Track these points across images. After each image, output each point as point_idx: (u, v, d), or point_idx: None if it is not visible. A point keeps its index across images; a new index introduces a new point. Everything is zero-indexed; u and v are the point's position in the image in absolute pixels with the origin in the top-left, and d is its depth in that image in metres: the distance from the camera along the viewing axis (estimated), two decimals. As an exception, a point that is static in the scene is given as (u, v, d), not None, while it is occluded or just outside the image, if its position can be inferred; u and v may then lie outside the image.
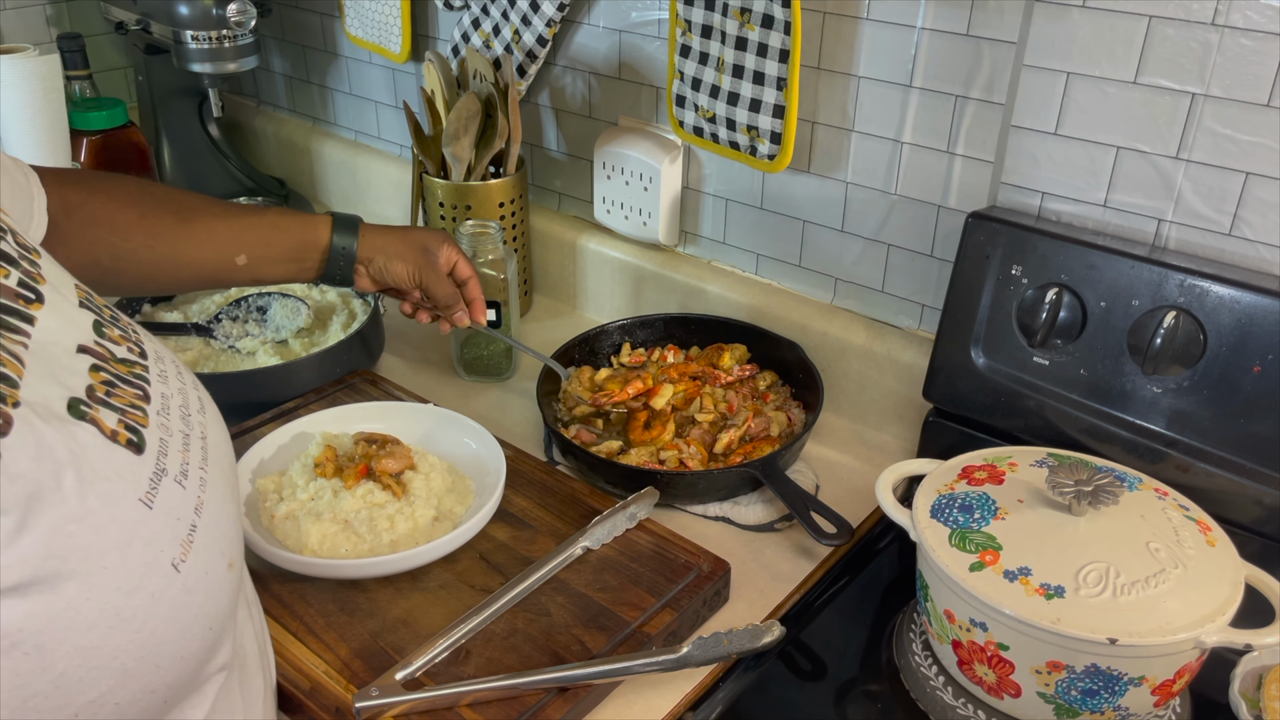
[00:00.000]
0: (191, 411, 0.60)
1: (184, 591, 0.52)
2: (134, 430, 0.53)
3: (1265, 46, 0.76)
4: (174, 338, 1.16)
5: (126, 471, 0.51)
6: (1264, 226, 0.81)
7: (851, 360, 1.07)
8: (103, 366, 0.54)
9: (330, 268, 0.98)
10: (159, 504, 0.52)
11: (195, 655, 0.54)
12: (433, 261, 1.01)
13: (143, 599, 0.49)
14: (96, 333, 0.56)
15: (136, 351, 0.58)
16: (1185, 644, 0.65)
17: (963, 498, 0.75)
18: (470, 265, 1.05)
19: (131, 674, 0.49)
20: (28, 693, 0.44)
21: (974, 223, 0.90)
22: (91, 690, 0.47)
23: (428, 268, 1.00)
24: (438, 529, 0.86)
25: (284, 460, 0.94)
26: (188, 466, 0.56)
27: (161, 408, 0.56)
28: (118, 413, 0.52)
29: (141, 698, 0.50)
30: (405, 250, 1.00)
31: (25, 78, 1.24)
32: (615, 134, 1.20)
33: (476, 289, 1.05)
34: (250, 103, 1.76)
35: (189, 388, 0.62)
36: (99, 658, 0.47)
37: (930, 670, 0.78)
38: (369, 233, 1.00)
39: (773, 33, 0.96)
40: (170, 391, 0.59)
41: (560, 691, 0.73)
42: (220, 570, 0.56)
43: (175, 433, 0.56)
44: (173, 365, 0.62)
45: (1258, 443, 0.80)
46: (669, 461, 0.98)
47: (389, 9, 1.37)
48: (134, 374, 0.56)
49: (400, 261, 1.00)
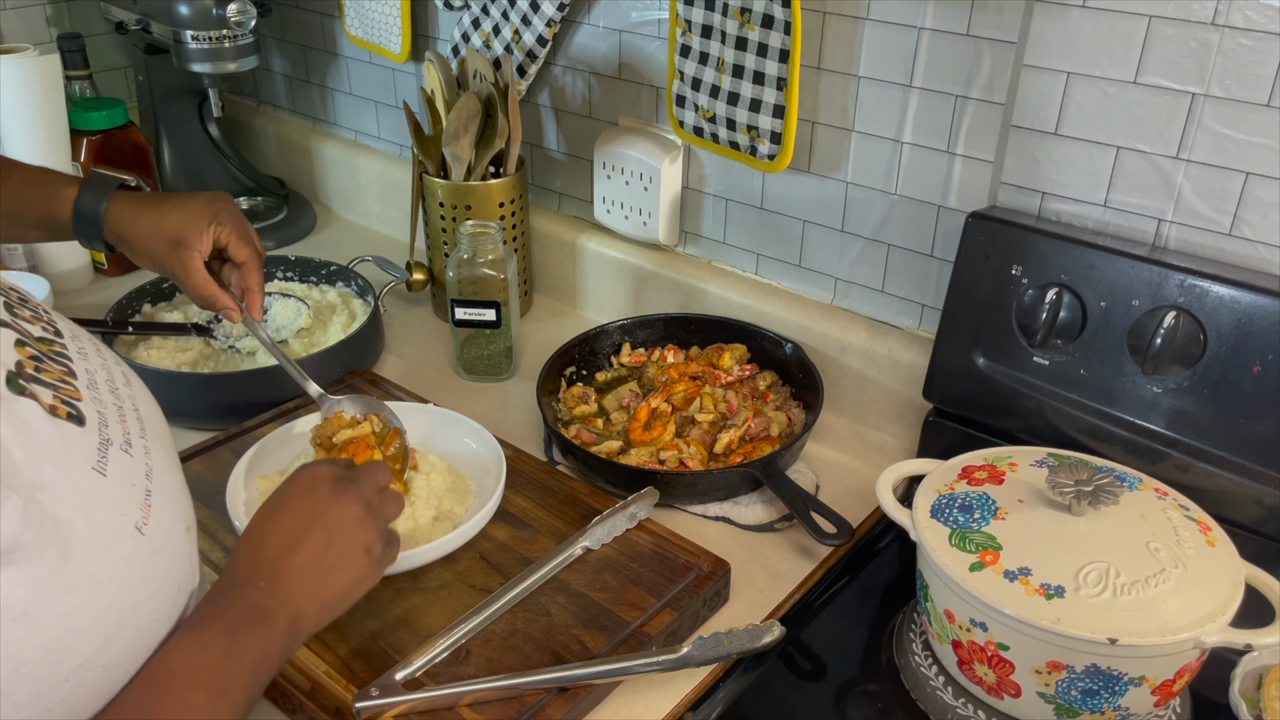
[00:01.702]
0: (119, 385, 0.60)
1: (151, 554, 0.53)
2: (70, 404, 0.53)
3: (1265, 46, 0.76)
4: (174, 338, 1.16)
5: (74, 443, 0.51)
6: (1264, 226, 0.81)
7: (851, 360, 1.07)
8: (26, 342, 0.55)
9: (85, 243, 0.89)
10: (111, 472, 0.52)
11: (168, 615, 0.55)
12: (184, 258, 0.87)
13: (115, 563, 0.50)
14: (9, 313, 0.56)
15: (52, 330, 0.59)
16: (1185, 644, 0.65)
17: (963, 498, 0.75)
18: (250, 247, 0.90)
19: (114, 636, 0.50)
20: (19, 660, 0.46)
21: (974, 223, 0.90)
22: (79, 654, 0.48)
23: (174, 265, 0.87)
24: (438, 529, 0.86)
25: (284, 460, 0.94)
26: (130, 435, 0.56)
27: (89, 382, 0.57)
28: (50, 389, 0.53)
29: (125, 660, 0.51)
30: (148, 242, 0.87)
31: (25, 78, 1.24)
32: (615, 134, 1.20)
33: (253, 275, 0.91)
34: (250, 103, 1.76)
35: (110, 363, 0.62)
36: (82, 621, 0.48)
37: (930, 670, 0.78)
38: (119, 212, 0.87)
39: (773, 33, 0.96)
40: (94, 367, 0.59)
41: (560, 691, 0.73)
42: (180, 533, 0.57)
43: (109, 405, 0.57)
44: (90, 342, 0.62)
45: (1258, 443, 0.80)
46: (669, 461, 0.98)
47: (389, 9, 1.37)
48: (55, 351, 0.57)
49: (143, 259, 0.88)
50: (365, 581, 0.66)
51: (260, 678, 0.57)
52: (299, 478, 0.67)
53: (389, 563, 0.69)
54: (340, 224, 1.61)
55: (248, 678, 0.56)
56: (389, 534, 0.70)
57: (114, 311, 1.17)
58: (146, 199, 0.89)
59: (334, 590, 0.64)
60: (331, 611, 0.64)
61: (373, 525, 0.67)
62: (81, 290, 1.35)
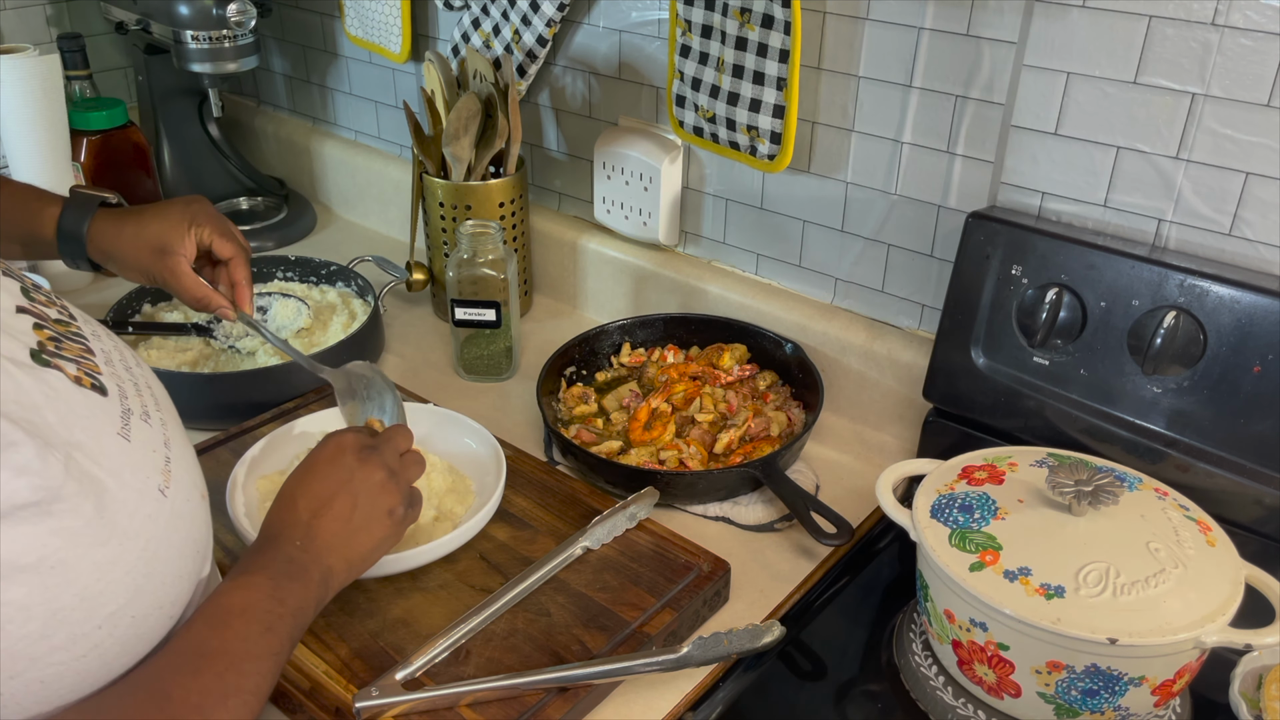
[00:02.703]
0: (131, 365, 0.63)
1: (173, 515, 0.57)
2: (93, 376, 0.57)
3: (1265, 46, 0.76)
4: (174, 338, 1.16)
5: (99, 410, 0.55)
6: (1264, 226, 0.81)
7: (851, 360, 1.07)
8: (44, 324, 0.58)
9: (70, 263, 0.90)
10: (134, 438, 0.56)
11: (190, 574, 0.59)
12: (169, 264, 0.88)
13: (143, 520, 0.54)
14: (26, 298, 0.59)
15: (66, 314, 0.62)
16: (1185, 644, 0.65)
17: (963, 498, 0.75)
18: (234, 242, 0.92)
19: (142, 590, 0.54)
20: (56, 605, 0.49)
21: (974, 223, 0.90)
22: (111, 603, 0.52)
23: (163, 272, 0.89)
24: (438, 529, 0.86)
25: (284, 460, 0.94)
26: (147, 408, 0.60)
27: (106, 360, 0.60)
28: (73, 363, 0.56)
29: (152, 612, 0.55)
30: (134, 255, 0.89)
31: (25, 78, 1.24)
32: (615, 134, 1.20)
33: (240, 269, 0.92)
34: (250, 103, 1.76)
35: (121, 346, 0.65)
36: (114, 572, 0.52)
37: (930, 670, 0.78)
38: (101, 230, 0.88)
39: (773, 33, 0.96)
40: (108, 348, 0.62)
41: (560, 691, 0.73)
42: (197, 499, 0.61)
43: (126, 381, 0.60)
44: (101, 327, 0.65)
45: (1258, 443, 0.80)
46: (669, 461, 0.98)
47: (389, 9, 1.37)
48: (72, 332, 0.60)
49: (131, 272, 0.90)
50: (388, 541, 0.72)
51: (300, 622, 0.63)
52: (326, 445, 0.72)
53: (411, 522, 0.74)
54: (340, 224, 1.60)
55: (290, 620, 0.62)
56: (411, 494, 0.75)
57: (114, 311, 1.17)
58: (126, 213, 0.91)
59: (360, 550, 0.70)
60: (357, 569, 0.70)
61: (395, 489, 0.72)
62: (81, 290, 1.35)
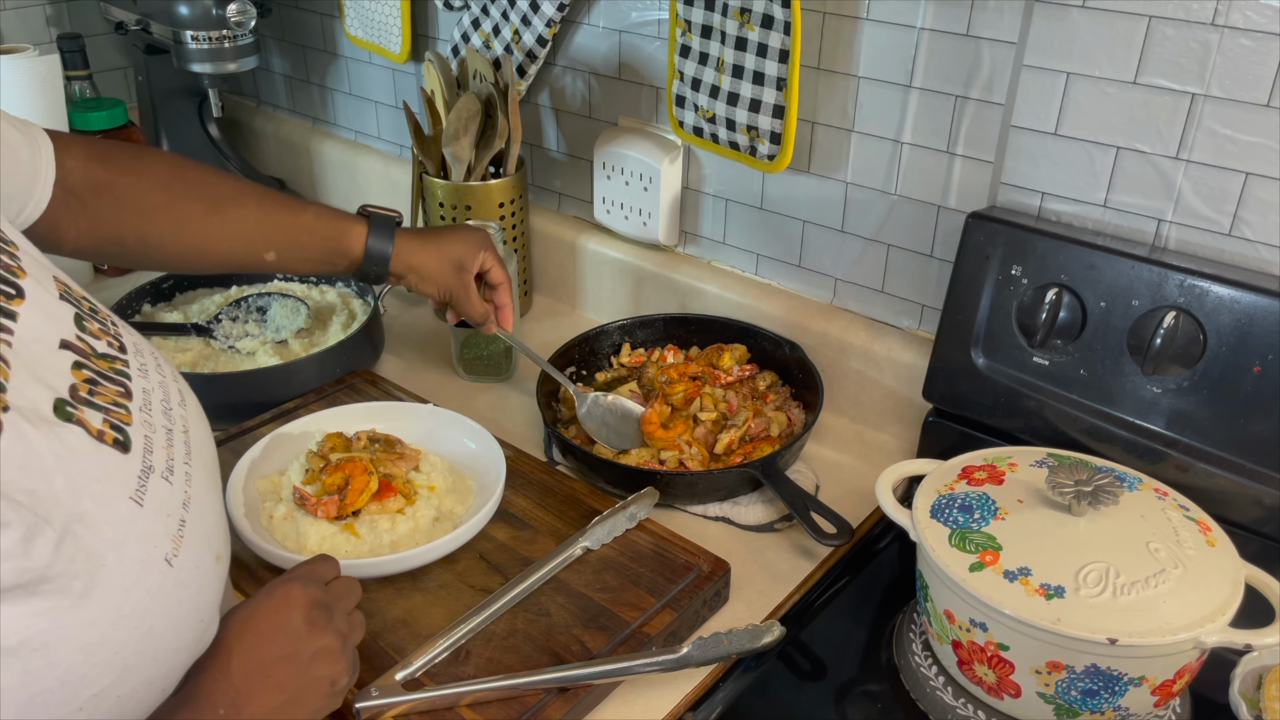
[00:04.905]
0: (173, 405, 0.60)
1: (177, 585, 0.53)
2: (119, 429, 0.53)
3: (1265, 46, 0.76)
4: (174, 338, 1.16)
5: (115, 471, 0.51)
6: (1264, 226, 0.81)
7: (851, 360, 1.07)
8: (85, 364, 0.55)
9: (362, 276, 0.97)
10: (149, 501, 0.53)
11: (189, 647, 0.55)
12: (465, 280, 0.98)
13: (140, 595, 0.50)
14: (78, 327, 0.56)
15: (116, 346, 0.59)
16: (1185, 644, 0.65)
17: (963, 498, 0.75)
18: (504, 270, 1.02)
19: (132, 668, 0.50)
20: (35, 689, 0.46)
21: (974, 223, 0.90)
22: (95, 685, 0.48)
23: (459, 287, 0.98)
24: (438, 529, 0.86)
25: (283, 461, 0.94)
26: (173, 462, 0.56)
27: (144, 404, 0.57)
28: (102, 412, 0.53)
29: (140, 690, 0.51)
30: (438, 269, 0.98)
31: (25, 78, 1.24)
32: (615, 134, 1.20)
33: (507, 295, 1.03)
34: (250, 103, 1.76)
35: (169, 380, 0.62)
36: (101, 653, 0.48)
37: (930, 670, 0.78)
38: (405, 246, 0.96)
39: (773, 33, 0.96)
40: (151, 386, 0.59)
41: (560, 691, 0.73)
42: (209, 563, 0.57)
43: (159, 429, 0.57)
44: (152, 358, 0.62)
45: (1258, 443, 0.80)
46: (669, 461, 0.98)
47: (389, 9, 1.37)
48: (115, 370, 0.57)
49: (431, 284, 0.98)
50: (323, 711, 0.64)
51: None
52: (274, 596, 0.63)
53: (348, 690, 0.66)
54: (340, 224, 1.60)
55: None
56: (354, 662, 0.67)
57: (114, 311, 1.17)
58: (425, 233, 0.99)
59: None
60: None
61: (343, 659, 0.64)
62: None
